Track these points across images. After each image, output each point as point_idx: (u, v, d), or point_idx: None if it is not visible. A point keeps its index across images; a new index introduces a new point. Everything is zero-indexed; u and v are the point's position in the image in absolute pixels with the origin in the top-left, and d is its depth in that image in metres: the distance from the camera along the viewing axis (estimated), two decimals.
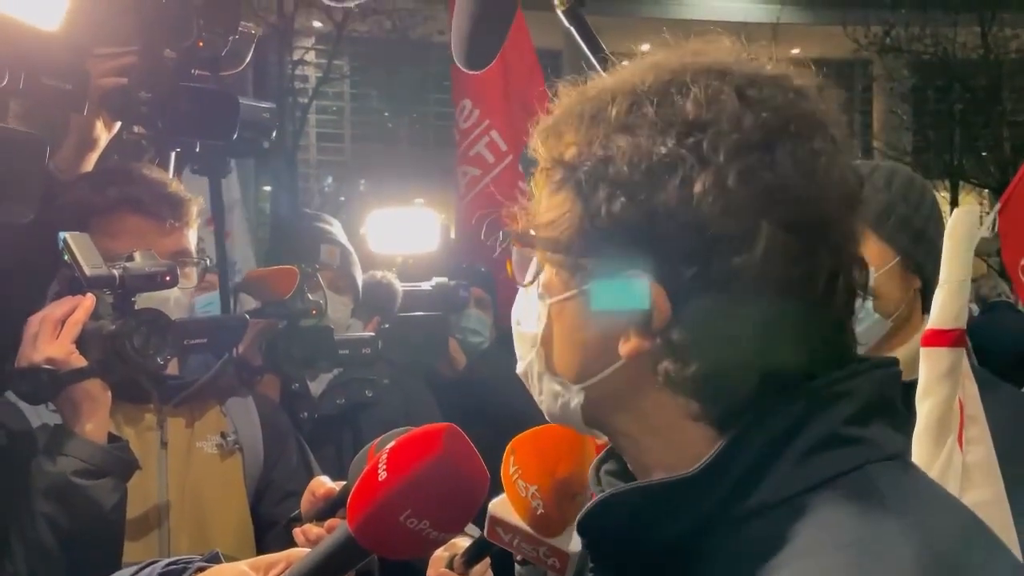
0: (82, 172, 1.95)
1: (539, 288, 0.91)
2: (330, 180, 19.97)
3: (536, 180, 0.90)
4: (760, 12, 18.83)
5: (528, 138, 0.93)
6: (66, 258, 1.60)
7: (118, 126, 2.01)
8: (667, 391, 0.84)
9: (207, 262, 1.96)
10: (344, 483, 1.51)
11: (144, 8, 1.92)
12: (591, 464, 1.00)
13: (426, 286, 3.28)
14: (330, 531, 1.30)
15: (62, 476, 1.57)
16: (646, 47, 0.93)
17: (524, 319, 0.94)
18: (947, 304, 1.35)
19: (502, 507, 1.22)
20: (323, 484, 1.57)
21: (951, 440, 1.31)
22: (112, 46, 1.92)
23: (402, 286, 3.26)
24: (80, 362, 1.59)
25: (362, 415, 2.73)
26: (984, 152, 18.09)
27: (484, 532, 1.26)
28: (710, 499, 0.81)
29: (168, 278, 1.65)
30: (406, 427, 1.11)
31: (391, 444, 1.01)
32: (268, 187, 16.65)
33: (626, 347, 0.84)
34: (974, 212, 1.42)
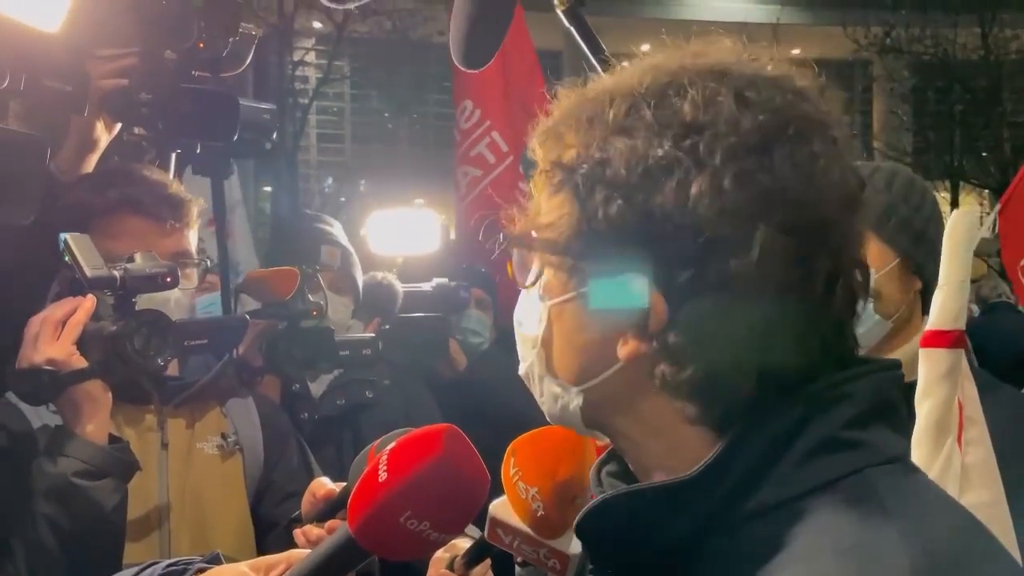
0: (83, 173, 1.95)
1: (539, 290, 0.91)
2: (330, 181, 19.98)
3: (535, 182, 0.90)
4: (760, 12, 18.84)
5: (528, 139, 0.93)
6: (67, 259, 1.60)
7: (119, 127, 2.01)
8: (665, 394, 0.84)
9: (207, 263, 1.97)
10: (344, 484, 1.51)
11: (145, 9, 1.92)
12: (592, 466, 1.00)
13: (426, 287, 3.28)
14: (330, 532, 1.30)
15: (63, 477, 1.57)
16: (646, 48, 0.93)
17: (525, 321, 0.94)
18: (946, 305, 1.35)
19: (502, 509, 1.22)
20: (323, 485, 1.57)
21: (950, 441, 1.31)
22: (113, 47, 1.92)
23: (402, 287, 3.26)
24: (81, 363, 1.60)
25: (362, 416, 2.73)
26: (984, 153, 18.09)
27: (485, 533, 1.27)
28: (708, 502, 0.80)
29: (169, 279, 1.66)
30: (406, 428, 1.11)
31: (391, 445, 1.01)
32: (268, 188, 16.67)
33: (624, 350, 0.84)
34: (973, 213, 1.42)
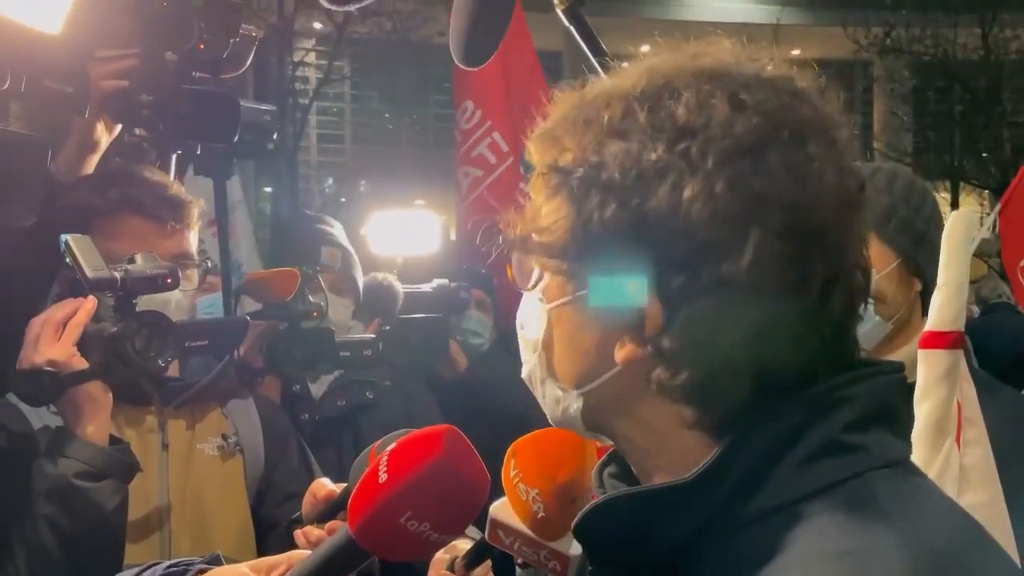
0: (83, 174, 1.95)
1: (539, 293, 0.91)
2: (330, 181, 20.00)
3: (532, 185, 0.90)
4: (760, 13, 18.85)
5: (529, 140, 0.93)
6: (67, 260, 1.60)
7: (119, 128, 2.01)
8: (663, 398, 0.84)
9: (207, 264, 1.97)
10: (345, 485, 1.51)
11: (145, 11, 1.92)
12: (593, 467, 1.00)
13: (427, 288, 3.28)
14: (331, 533, 1.30)
15: (63, 478, 1.58)
16: (646, 48, 0.93)
17: (527, 324, 0.94)
18: (945, 306, 1.35)
19: (503, 510, 1.22)
20: (324, 486, 1.57)
21: (949, 442, 1.31)
22: (113, 49, 1.92)
23: (403, 288, 3.26)
24: (81, 364, 1.60)
25: (363, 417, 2.73)
26: (984, 153, 18.09)
27: (485, 535, 1.27)
28: (707, 505, 0.80)
29: (169, 280, 1.66)
30: (407, 429, 1.11)
31: (392, 446, 1.01)
32: (268, 188, 16.67)
33: (621, 353, 0.84)
34: (971, 214, 1.43)
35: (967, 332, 1.37)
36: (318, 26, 17.26)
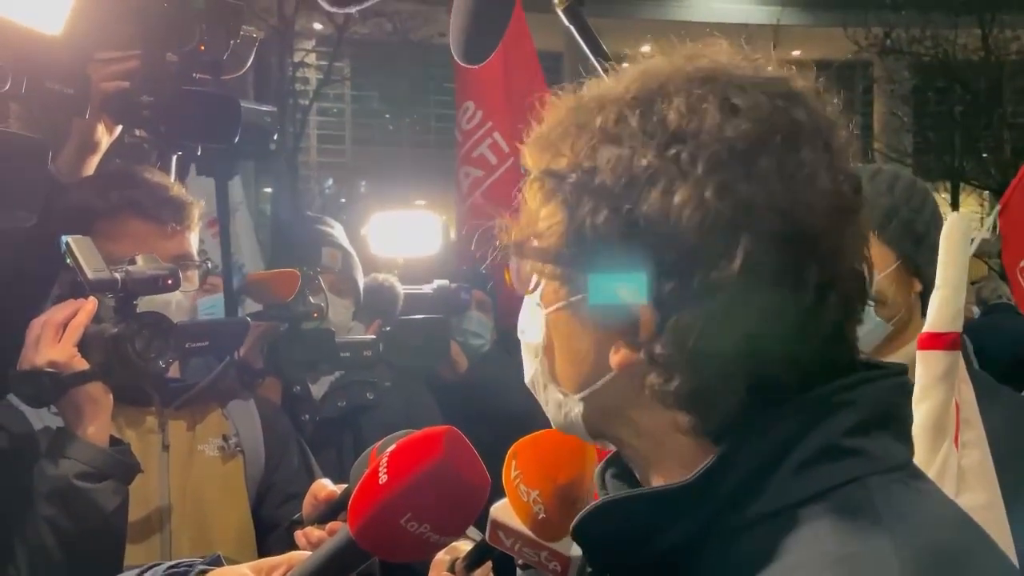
0: (84, 176, 1.95)
1: (538, 298, 0.91)
2: (331, 182, 19.99)
3: (527, 190, 0.89)
4: (760, 14, 18.83)
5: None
6: (68, 261, 1.60)
7: (120, 130, 2.01)
8: (657, 404, 0.83)
9: (208, 265, 1.97)
10: (345, 486, 1.51)
11: (146, 12, 1.92)
12: (594, 469, 1.00)
13: (427, 289, 3.28)
14: (331, 534, 1.31)
15: (64, 479, 1.58)
16: (646, 49, 0.92)
17: (528, 329, 0.94)
18: (943, 307, 1.35)
19: (504, 511, 1.22)
20: (324, 487, 1.57)
21: (947, 443, 1.31)
22: (114, 50, 1.93)
23: (403, 289, 3.26)
24: (82, 365, 1.60)
25: (363, 418, 2.74)
26: (985, 154, 18.07)
27: (486, 536, 1.27)
28: (706, 508, 0.80)
29: (170, 281, 1.66)
30: (407, 430, 1.11)
31: (392, 447, 1.01)
32: (269, 189, 16.66)
33: (615, 358, 0.84)
34: (970, 216, 1.43)
35: (967, 333, 1.37)
36: (318, 27, 17.25)
